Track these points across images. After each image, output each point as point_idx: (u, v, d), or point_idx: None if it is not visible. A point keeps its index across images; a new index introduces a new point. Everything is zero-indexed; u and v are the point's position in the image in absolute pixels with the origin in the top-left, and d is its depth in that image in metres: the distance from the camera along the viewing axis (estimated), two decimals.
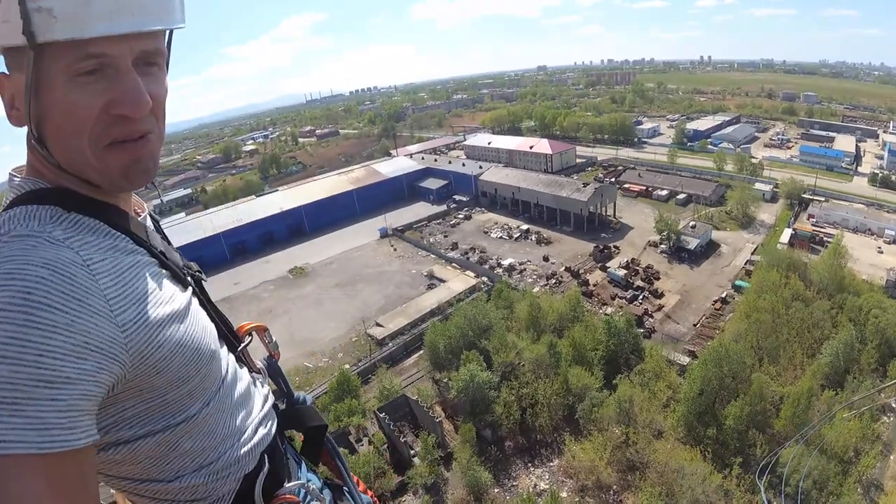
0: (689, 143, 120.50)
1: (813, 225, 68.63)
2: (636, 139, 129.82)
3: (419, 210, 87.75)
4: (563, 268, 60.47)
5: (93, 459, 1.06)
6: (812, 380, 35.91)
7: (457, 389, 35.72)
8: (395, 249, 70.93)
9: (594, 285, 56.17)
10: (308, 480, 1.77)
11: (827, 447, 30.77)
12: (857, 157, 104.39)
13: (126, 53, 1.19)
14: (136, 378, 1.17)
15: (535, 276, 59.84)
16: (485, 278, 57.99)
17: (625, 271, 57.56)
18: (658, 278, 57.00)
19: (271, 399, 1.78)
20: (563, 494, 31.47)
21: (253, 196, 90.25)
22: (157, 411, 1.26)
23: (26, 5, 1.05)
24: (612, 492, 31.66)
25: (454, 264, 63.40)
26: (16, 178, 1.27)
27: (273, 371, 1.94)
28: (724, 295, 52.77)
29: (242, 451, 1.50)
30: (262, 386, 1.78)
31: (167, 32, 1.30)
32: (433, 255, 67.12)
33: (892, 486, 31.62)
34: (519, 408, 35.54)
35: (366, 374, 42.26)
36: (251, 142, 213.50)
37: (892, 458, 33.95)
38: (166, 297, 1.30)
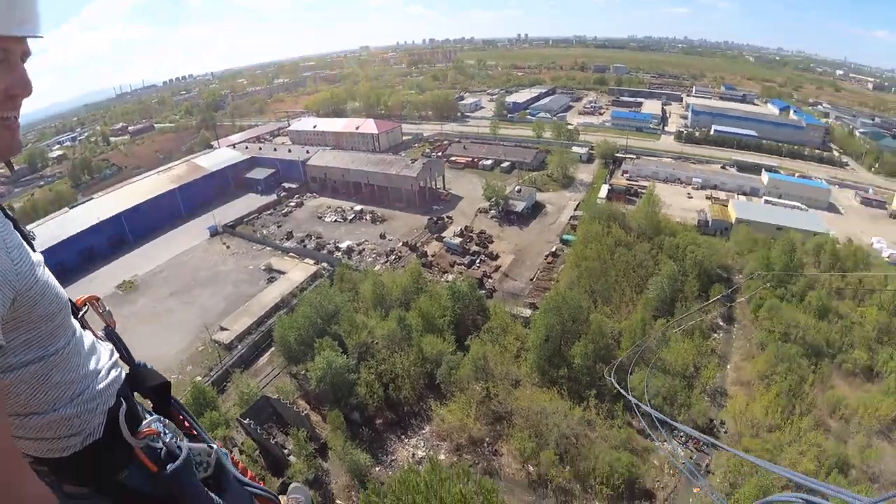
0: (509, 115, 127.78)
1: (628, 179, 76.82)
2: (459, 114, 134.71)
3: (248, 202, 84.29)
4: (401, 243, 61.82)
5: None
6: (643, 311, 40.65)
7: (316, 379, 35.54)
8: (227, 247, 67.71)
9: (433, 256, 58.09)
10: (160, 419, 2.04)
11: (668, 367, 35.36)
12: (664, 119, 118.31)
13: (18, 51, 1.51)
14: (18, 309, 1.45)
15: (374, 255, 60.54)
16: (325, 264, 57.59)
17: (460, 239, 60.15)
18: (492, 242, 60.22)
19: (116, 354, 2.01)
20: (442, 457, 32.71)
21: (66, 208, 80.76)
22: (32, 343, 1.54)
23: None
24: (485, 444, 33.57)
25: (292, 254, 62.11)
26: None
27: (112, 338, 2.12)
28: (553, 249, 57.11)
29: (101, 387, 1.78)
30: (106, 343, 2.04)
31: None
32: (269, 248, 65.16)
33: (734, 391, 37.46)
34: (381, 385, 36.19)
35: (220, 383, 40.36)
36: (58, 146, 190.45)
37: (728, 367, 40.04)
38: (30, 251, 1.62)
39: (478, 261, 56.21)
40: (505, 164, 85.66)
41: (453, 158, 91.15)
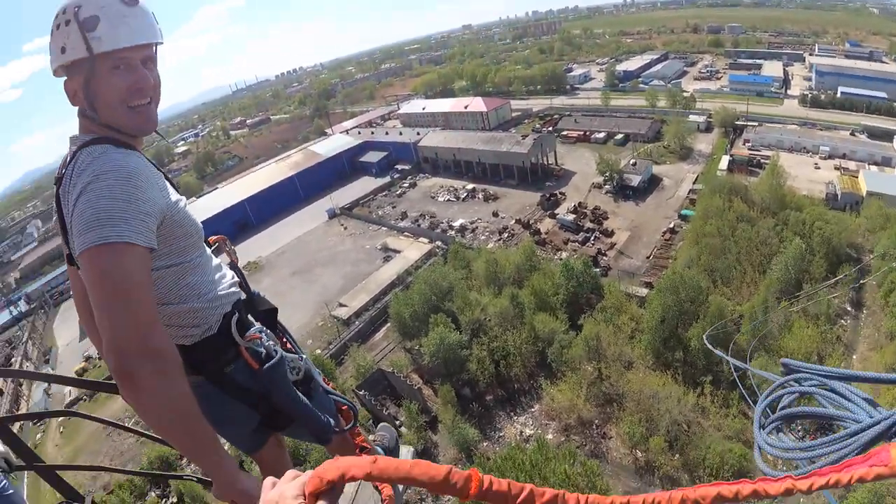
0: (620, 85, 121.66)
1: (749, 149, 70.84)
2: (568, 86, 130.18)
3: (363, 185, 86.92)
4: (514, 220, 61.15)
5: (150, 259, 1.78)
6: (766, 293, 37.61)
7: (429, 354, 36.12)
8: (345, 228, 70.31)
9: (546, 233, 57.07)
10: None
11: (790, 355, 32.32)
12: (786, 81, 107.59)
13: (137, 56, 1.98)
14: (166, 226, 1.93)
15: (487, 233, 60.42)
16: (439, 242, 58.23)
17: (574, 215, 58.57)
18: (606, 218, 58.19)
19: (237, 278, 2.42)
20: (549, 436, 32.40)
21: (193, 198, 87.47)
22: (173, 252, 2.00)
23: (86, 35, 1.84)
24: (594, 426, 32.78)
25: (406, 233, 63.34)
26: (76, 136, 1.99)
27: (234, 269, 2.53)
28: (671, 225, 54.36)
29: (222, 292, 2.20)
30: (230, 270, 2.46)
31: (155, 45, 2.07)
32: (384, 228, 66.84)
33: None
34: (492, 361, 36.21)
35: (338, 356, 42.18)
36: (182, 143, 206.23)
37: (854, 357, 35.95)
38: (173, 191, 2.11)
39: (592, 238, 54.64)
40: (618, 137, 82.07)
41: (564, 133, 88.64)
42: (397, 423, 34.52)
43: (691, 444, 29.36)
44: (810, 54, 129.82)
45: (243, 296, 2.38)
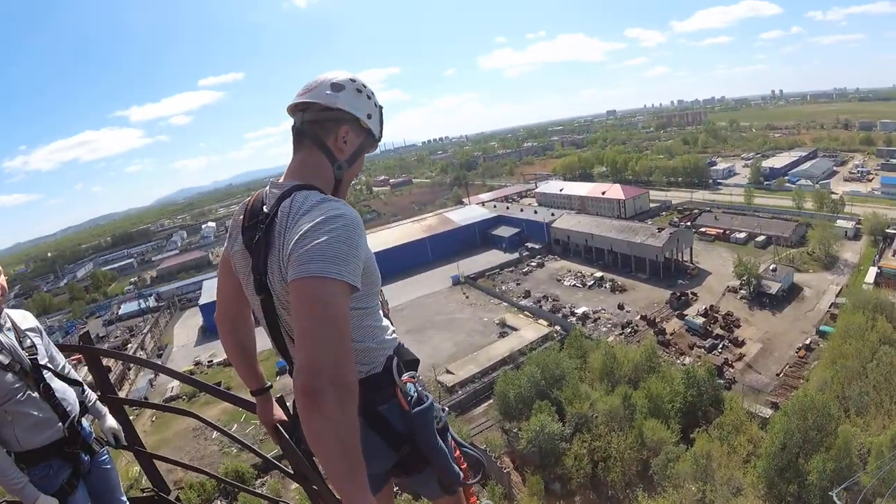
0: (765, 182, 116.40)
1: None
2: (711, 180, 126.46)
3: (491, 258, 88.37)
4: (639, 316, 59.18)
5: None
6: None
7: (526, 440, 35.49)
8: (466, 297, 71.47)
9: (671, 334, 54.60)
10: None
11: None
12: None
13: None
14: (364, 273, 2.08)
15: (609, 325, 58.80)
16: (558, 327, 57.48)
17: (703, 319, 55.72)
18: (738, 325, 54.82)
19: (394, 327, 2.66)
20: None
21: None
22: (363, 297, 2.22)
23: (380, 127, 2.47)
24: None
25: (526, 312, 63.21)
26: (292, 181, 2.28)
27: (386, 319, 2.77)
28: (808, 342, 50.09)
29: (388, 338, 2.45)
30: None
31: None
32: (505, 303, 67.18)
33: None
34: (590, 461, 34.83)
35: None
36: None
37: None
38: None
39: (720, 346, 51.51)
40: (760, 238, 77.63)
41: (703, 229, 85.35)
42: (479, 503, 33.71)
43: None
44: None
45: (399, 341, 2.59)
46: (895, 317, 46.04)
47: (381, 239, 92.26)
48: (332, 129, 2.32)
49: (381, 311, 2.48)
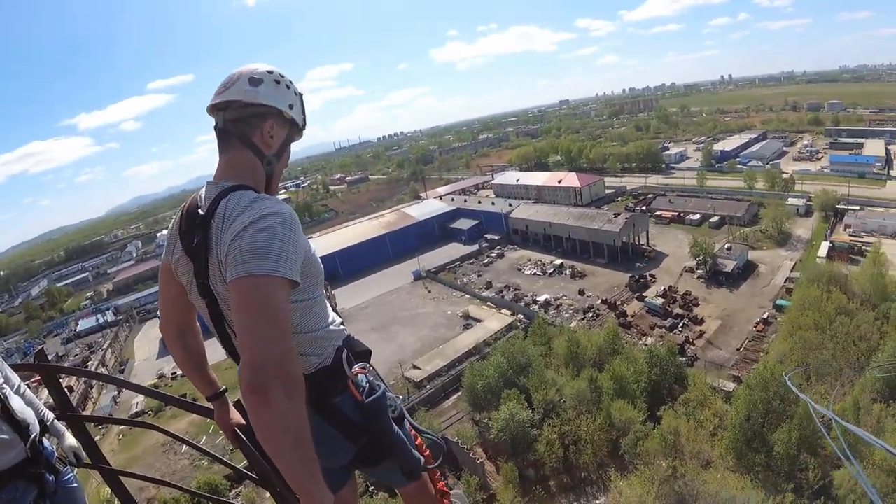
0: (717, 165, 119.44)
1: (850, 235, 66.71)
2: (664, 165, 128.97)
3: (451, 251, 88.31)
4: (600, 300, 59.80)
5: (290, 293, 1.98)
6: (861, 394, 34.47)
7: (497, 429, 35.38)
8: (429, 291, 71.21)
9: (632, 316, 55.39)
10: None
11: (883, 462, 29.21)
12: (889, 161, 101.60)
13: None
14: (305, 265, 2.11)
15: (571, 311, 59.29)
16: (521, 316, 57.68)
17: (662, 300, 56.72)
18: (697, 304, 55.92)
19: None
20: None
21: None
22: (306, 288, 2.22)
23: (303, 116, 2.43)
24: None
25: (489, 303, 63.28)
26: (225, 182, 2.23)
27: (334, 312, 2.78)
28: (765, 316, 51.43)
29: (336, 329, 2.47)
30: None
31: None
32: (468, 295, 67.13)
33: None
34: (562, 445, 34.90)
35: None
36: (283, 191, 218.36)
37: None
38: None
39: (680, 325, 52.44)
40: (714, 219, 79.56)
41: (658, 212, 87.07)
42: (463, 493, 33.64)
43: None
44: None
45: (347, 333, 2.59)
46: (849, 288, 47.68)
47: (340, 237, 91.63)
48: (256, 125, 2.30)
49: (327, 302, 2.49)
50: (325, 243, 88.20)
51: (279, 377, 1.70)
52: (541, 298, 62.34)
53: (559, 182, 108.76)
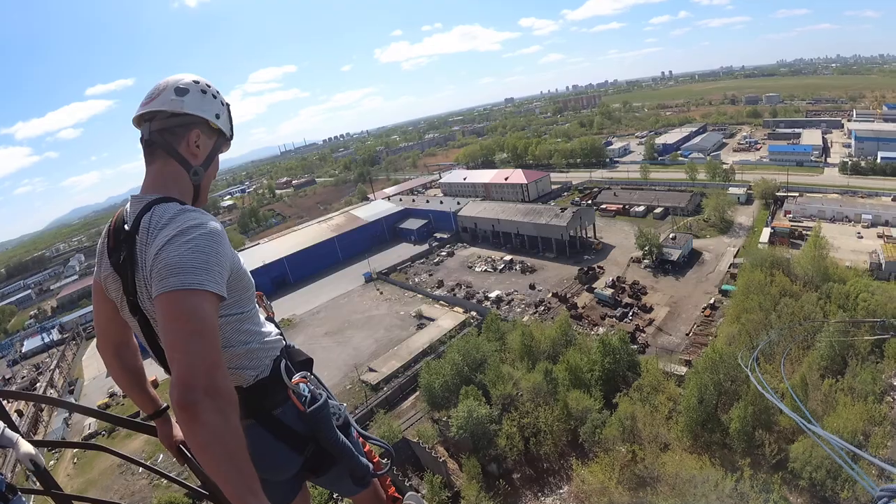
0: (660, 158, 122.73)
1: (791, 221, 69.64)
2: (608, 159, 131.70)
3: (402, 251, 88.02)
4: (551, 294, 60.46)
5: (218, 307, 1.93)
6: (808, 371, 35.84)
7: (457, 427, 35.34)
8: (381, 293, 70.63)
9: (583, 307, 56.18)
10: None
11: (835, 434, 30.18)
12: (826, 149, 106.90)
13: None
14: (232, 279, 2.09)
15: (523, 306, 59.73)
16: (474, 313, 57.79)
17: (612, 290, 57.72)
18: (645, 293, 57.20)
19: (278, 330, 2.62)
20: None
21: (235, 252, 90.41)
22: (236, 302, 2.19)
23: (231, 119, 2.45)
24: None
25: (442, 302, 63.21)
26: (141, 196, 2.19)
27: (272, 322, 2.72)
28: (712, 301, 52.94)
29: (272, 340, 2.42)
30: (270, 322, 2.66)
31: None
32: (420, 295, 66.89)
33: None
34: (522, 438, 35.19)
35: (364, 421, 41.34)
36: (229, 197, 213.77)
37: None
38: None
39: (630, 313, 53.51)
40: (658, 210, 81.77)
41: (603, 206, 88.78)
42: (419, 494, 33.37)
43: None
44: (848, 120, 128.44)
45: (285, 342, 2.58)
46: (792, 271, 49.52)
47: (288, 242, 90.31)
48: (182, 135, 2.26)
49: (260, 316, 2.47)
50: (273, 248, 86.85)
51: (208, 393, 1.67)
52: (492, 295, 62.63)
53: (506, 179, 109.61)
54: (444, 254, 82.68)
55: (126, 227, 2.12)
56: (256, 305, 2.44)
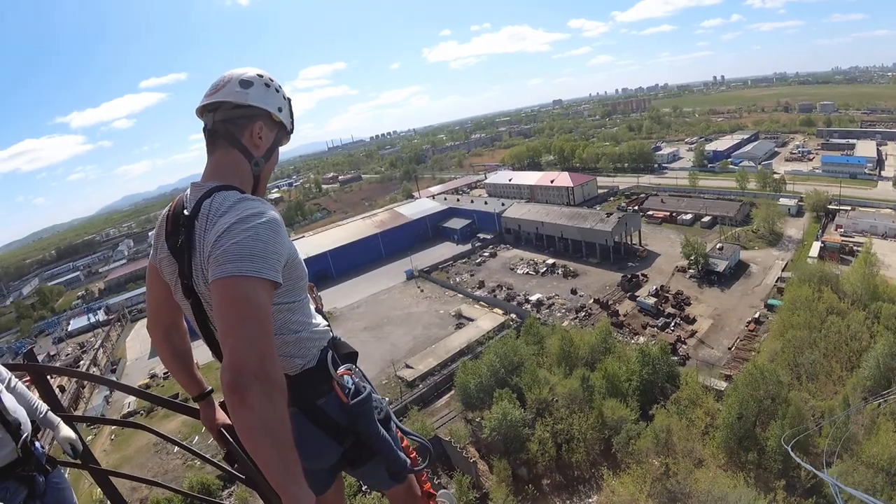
0: (709, 165, 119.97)
1: (841, 235, 67.15)
2: (656, 165, 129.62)
3: (444, 250, 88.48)
4: (592, 300, 59.92)
5: (273, 294, 1.99)
6: (852, 393, 34.61)
7: (490, 428, 35.39)
8: (421, 290, 71.16)
9: (624, 315, 55.49)
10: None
11: (873, 461, 29.19)
12: (880, 162, 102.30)
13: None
14: (288, 268, 2.12)
15: (563, 310, 59.35)
16: (513, 315, 57.69)
17: (654, 299, 56.85)
18: (689, 304, 56.11)
19: (326, 322, 2.68)
20: None
21: None
22: (289, 291, 2.21)
23: (291, 119, 2.48)
24: None
25: (482, 302, 63.31)
26: (211, 183, 2.23)
27: (321, 314, 2.78)
28: (757, 315, 51.62)
29: (321, 330, 2.47)
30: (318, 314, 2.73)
31: None
32: (460, 295, 67.14)
33: None
34: (554, 444, 34.97)
35: (398, 417, 41.57)
36: (276, 190, 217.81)
37: None
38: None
39: (672, 324, 52.61)
40: (706, 219, 79.98)
41: (650, 212, 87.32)
42: (451, 492, 33.53)
43: None
44: None
45: (332, 334, 2.61)
46: (840, 288, 47.80)
47: (332, 237, 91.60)
48: (245, 126, 2.32)
49: (311, 306, 2.53)
50: (317, 242, 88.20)
51: (258, 378, 1.72)
52: (533, 298, 62.41)
53: (552, 182, 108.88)
54: (486, 254, 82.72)
55: (186, 212, 2.19)
56: (308, 296, 2.51)
